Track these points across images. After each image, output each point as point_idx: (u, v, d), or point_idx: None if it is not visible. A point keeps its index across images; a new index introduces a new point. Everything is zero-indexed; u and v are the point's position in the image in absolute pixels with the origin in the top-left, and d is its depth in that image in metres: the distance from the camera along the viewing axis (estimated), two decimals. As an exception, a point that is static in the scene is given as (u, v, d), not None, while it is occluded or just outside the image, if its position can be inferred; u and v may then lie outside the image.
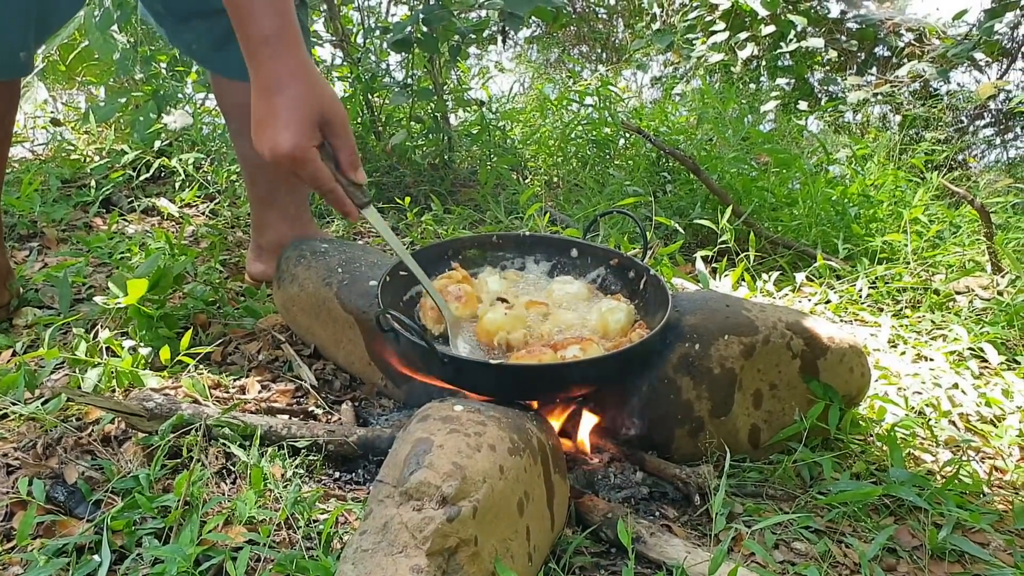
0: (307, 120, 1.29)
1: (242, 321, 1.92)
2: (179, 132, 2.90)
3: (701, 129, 3.26)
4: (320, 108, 1.31)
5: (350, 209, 1.37)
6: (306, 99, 1.29)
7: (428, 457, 1.06)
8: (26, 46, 1.66)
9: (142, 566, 1.18)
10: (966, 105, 4.56)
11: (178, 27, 1.85)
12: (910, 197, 2.77)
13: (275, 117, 1.29)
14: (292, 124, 1.28)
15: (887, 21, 5.39)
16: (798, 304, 2.20)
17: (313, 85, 1.31)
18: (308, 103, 1.29)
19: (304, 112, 1.29)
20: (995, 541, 1.38)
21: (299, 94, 1.29)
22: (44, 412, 1.49)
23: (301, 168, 1.31)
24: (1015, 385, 1.87)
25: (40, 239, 2.34)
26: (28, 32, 1.65)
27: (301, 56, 1.31)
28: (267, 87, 1.30)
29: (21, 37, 1.64)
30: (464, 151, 3.26)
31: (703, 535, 1.36)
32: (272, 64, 1.29)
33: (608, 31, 6.83)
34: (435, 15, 2.67)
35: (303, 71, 1.30)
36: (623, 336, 1.48)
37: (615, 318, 1.50)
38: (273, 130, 1.29)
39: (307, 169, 1.31)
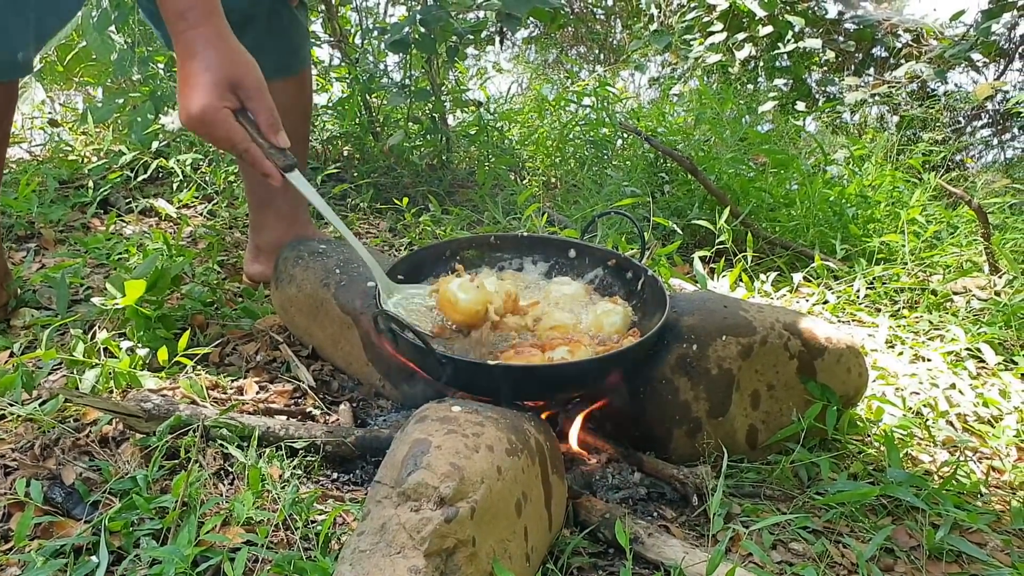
0: (217, 83, 1.32)
1: (240, 322, 1.92)
2: (177, 133, 2.90)
3: (699, 130, 3.26)
4: (230, 71, 1.33)
5: (270, 171, 1.38)
6: (216, 63, 1.32)
7: (426, 458, 1.06)
8: (25, 46, 1.66)
9: (140, 567, 1.18)
10: (963, 106, 4.57)
11: None
12: (908, 198, 2.78)
13: (187, 83, 1.32)
14: (201, 87, 1.31)
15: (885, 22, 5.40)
16: (796, 305, 2.21)
17: (224, 51, 1.34)
18: (218, 66, 1.32)
19: (214, 75, 1.32)
20: (992, 541, 1.38)
21: (209, 59, 1.32)
22: (42, 413, 1.48)
23: (212, 129, 1.33)
24: (1012, 385, 1.88)
25: (38, 240, 2.33)
26: (27, 32, 1.65)
27: (215, 25, 1.34)
28: (182, 56, 1.34)
29: (20, 37, 1.64)
30: (462, 152, 3.26)
31: (701, 535, 1.36)
32: (187, 35, 1.33)
33: (606, 32, 6.83)
34: (433, 16, 2.68)
35: (215, 38, 1.33)
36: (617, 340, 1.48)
37: (610, 320, 1.50)
38: (185, 96, 1.32)
39: (218, 131, 1.33)
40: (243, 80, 1.35)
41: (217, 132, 1.34)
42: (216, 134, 1.34)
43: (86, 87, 3.71)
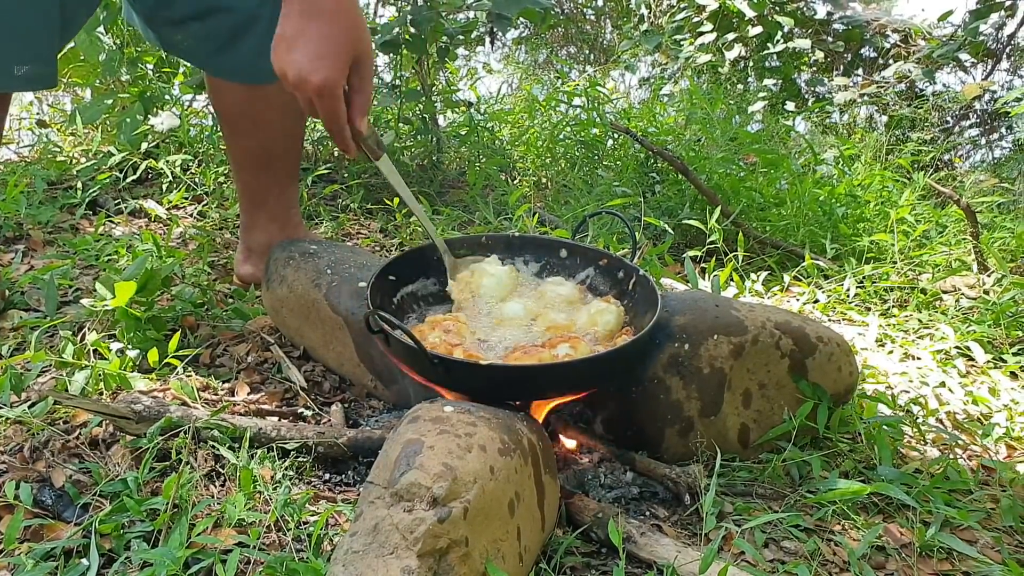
0: (344, 55, 1.27)
1: (231, 323, 1.91)
2: (166, 133, 2.89)
3: (689, 130, 3.27)
4: (355, 45, 1.29)
5: (349, 146, 1.37)
6: (347, 34, 1.27)
7: (418, 458, 1.06)
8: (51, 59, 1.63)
9: (131, 569, 1.17)
10: (952, 106, 4.59)
11: (172, 31, 1.82)
12: (897, 197, 2.79)
13: (309, 42, 1.26)
14: (329, 56, 1.26)
15: (873, 22, 5.43)
16: (786, 304, 2.21)
17: (355, 21, 1.29)
18: (349, 38, 1.28)
19: (343, 46, 1.27)
20: (983, 538, 1.39)
21: (341, 27, 1.27)
22: (31, 415, 1.48)
23: (325, 101, 1.29)
24: (1001, 383, 1.89)
25: (26, 241, 2.32)
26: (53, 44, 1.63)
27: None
28: (306, 10, 1.27)
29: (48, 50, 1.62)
30: (453, 152, 3.26)
31: (693, 534, 1.36)
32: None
33: (596, 32, 6.85)
34: (423, 16, 2.67)
35: (348, 3, 1.28)
36: (610, 339, 1.48)
37: (604, 319, 1.50)
38: (304, 55, 1.26)
39: (329, 104, 1.29)
40: (363, 59, 1.31)
41: (326, 104, 1.29)
42: (324, 105, 1.30)
43: (74, 88, 3.68)
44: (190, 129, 2.90)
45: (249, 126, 1.91)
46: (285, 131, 1.93)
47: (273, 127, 1.89)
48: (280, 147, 1.94)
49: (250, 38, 1.76)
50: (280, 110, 1.89)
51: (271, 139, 1.91)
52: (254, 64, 1.79)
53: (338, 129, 1.34)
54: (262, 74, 1.82)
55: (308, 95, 1.29)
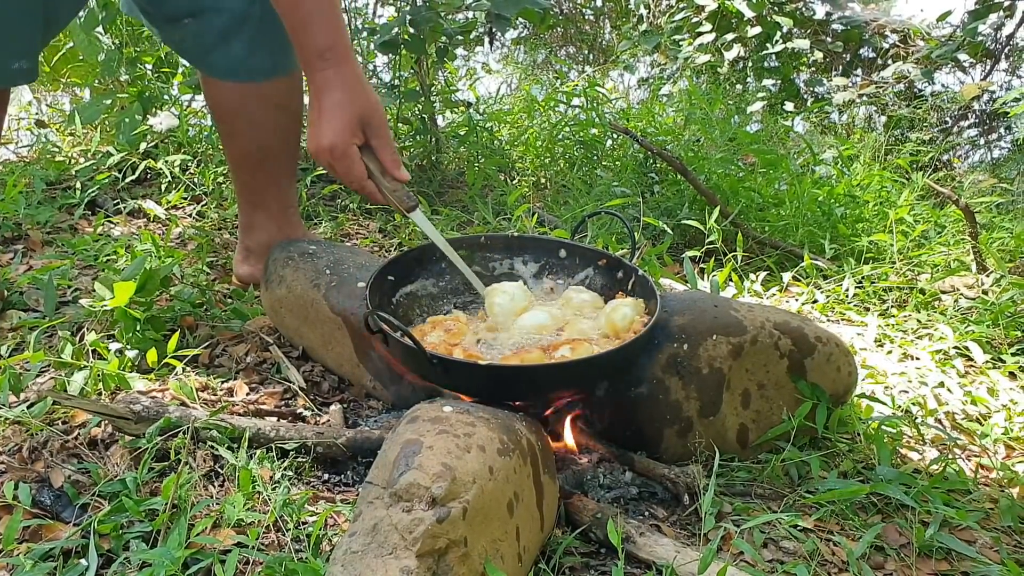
0: (348, 119, 1.43)
1: (230, 323, 1.91)
2: (165, 134, 2.88)
3: (688, 130, 3.27)
4: (361, 110, 1.44)
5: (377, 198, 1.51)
6: (349, 101, 1.44)
7: (417, 458, 1.06)
8: (32, 53, 1.65)
9: (130, 570, 1.17)
10: (950, 106, 4.59)
11: (169, 27, 1.84)
12: (895, 197, 2.79)
13: (321, 117, 1.44)
14: (334, 122, 1.43)
15: (872, 22, 5.43)
16: (785, 304, 2.21)
17: (357, 91, 1.45)
18: (351, 105, 1.44)
19: (346, 113, 1.43)
20: (982, 538, 1.39)
21: (343, 97, 1.43)
22: (30, 416, 1.47)
23: (338, 162, 1.45)
24: (1000, 383, 1.89)
25: (25, 242, 2.32)
26: (35, 39, 1.64)
27: (350, 66, 1.45)
28: (317, 93, 1.45)
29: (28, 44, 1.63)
30: (452, 152, 3.25)
31: (692, 534, 1.37)
32: (325, 73, 1.44)
33: (595, 32, 6.84)
34: (422, 16, 2.67)
35: (351, 78, 1.44)
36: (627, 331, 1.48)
37: (621, 314, 1.49)
38: (317, 128, 1.44)
39: (343, 163, 1.45)
40: (371, 119, 1.46)
41: (342, 165, 1.45)
42: (341, 167, 1.45)
43: (73, 88, 3.69)
44: (189, 129, 2.90)
45: (244, 125, 1.91)
46: (280, 130, 1.93)
47: (268, 126, 1.90)
48: (276, 146, 1.94)
49: (241, 37, 1.77)
50: (275, 109, 1.89)
51: (267, 138, 1.91)
52: (245, 62, 1.80)
53: (359, 186, 1.48)
54: (254, 72, 1.83)
55: (325, 160, 1.46)
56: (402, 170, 1.50)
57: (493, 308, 1.55)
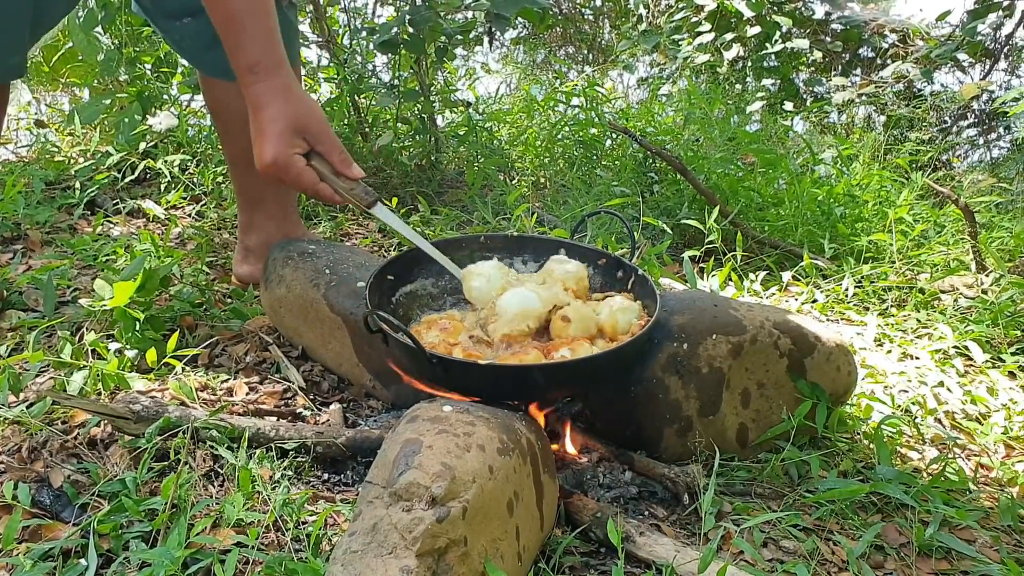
0: (283, 131, 1.43)
1: (229, 323, 1.91)
2: (164, 133, 2.88)
3: (688, 130, 3.27)
4: (295, 119, 1.44)
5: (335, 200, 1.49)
6: (283, 113, 1.43)
7: (417, 458, 1.06)
8: (20, 49, 1.65)
9: (129, 570, 1.17)
10: (950, 105, 4.59)
11: (169, 24, 1.84)
12: (895, 197, 2.79)
13: (260, 133, 1.44)
14: (272, 136, 1.43)
15: (871, 22, 5.43)
16: (785, 303, 2.22)
17: (290, 101, 1.45)
18: (284, 116, 1.43)
19: (280, 125, 1.43)
20: (981, 538, 1.39)
21: (276, 109, 1.43)
22: (29, 415, 1.47)
23: (283, 173, 1.45)
24: (1000, 383, 1.89)
25: (24, 241, 2.32)
26: (23, 34, 1.64)
27: (280, 77, 1.45)
28: (253, 108, 1.45)
29: (16, 40, 1.63)
30: (451, 152, 3.25)
31: (692, 534, 1.37)
32: (256, 87, 1.44)
33: (594, 32, 6.85)
34: (421, 16, 2.67)
35: (281, 89, 1.45)
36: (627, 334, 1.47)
37: (626, 319, 1.48)
38: (259, 145, 1.44)
39: (289, 174, 1.45)
40: (308, 125, 1.45)
41: (289, 175, 1.45)
42: (288, 177, 1.45)
43: (72, 88, 3.68)
44: (188, 129, 2.90)
45: (242, 124, 1.90)
46: None
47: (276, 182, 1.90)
48: None
49: None
50: None
51: None
52: None
53: (312, 192, 1.47)
54: None
55: (271, 175, 1.45)
56: (354, 168, 1.49)
57: (472, 292, 1.55)
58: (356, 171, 1.49)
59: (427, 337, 1.45)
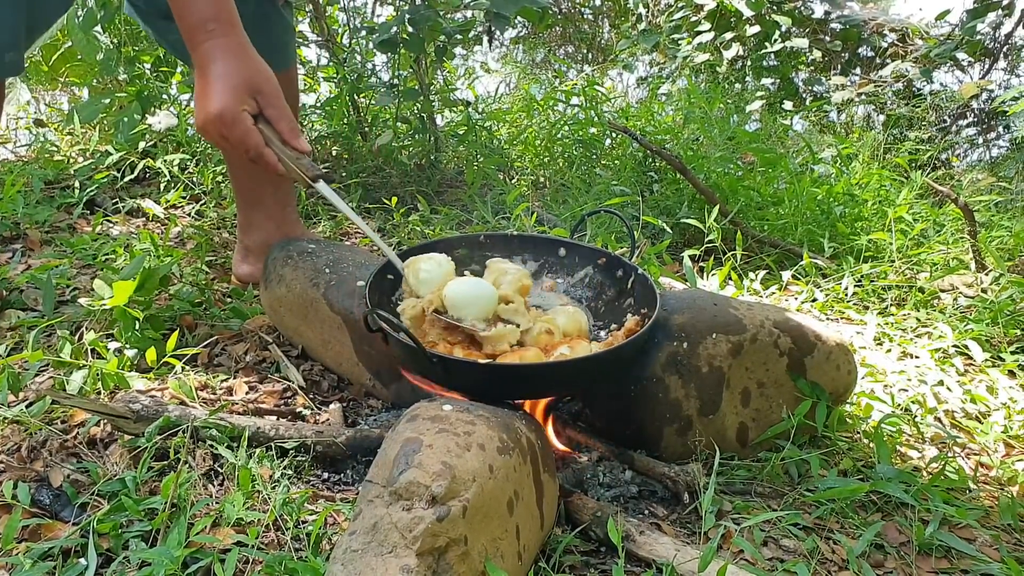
0: (236, 87, 1.36)
1: (229, 322, 1.91)
2: (164, 133, 2.88)
3: (687, 129, 3.27)
4: (248, 77, 1.37)
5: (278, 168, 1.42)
6: (235, 69, 1.37)
7: (417, 457, 1.06)
8: (15, 46, 1.64)
9: (129, 569, 1.17)
10: (949, 105, 4.59)
11: (164, 25, 1.83)
12: (894, 196, 2.79)
13: (207, 86, 1.37)
14: (221, 90, 1.36)
15: (871, 22, 5.42)
16: (785, 302, 2.22)
17: (243, 58, 1.38)
18: (237, 72, 1.37)
19: (233, 80, 1.36)
20: (982, 536, 1.39)
21: (230, 66, 1.37)
22: (28, 415, 1.47)
23: (228, 129, 1.37)
24: (999, 382, 1.89)
25: (23, 241, 2.32)
26: (18, 32, 1.63)
27: (234, 36, 1.39)
28: (202, 65, 1.38)
29: (11, 37, 1.63)
30: (451, 151, 3.25)
31: (692, 533, 1.37)
32: (206, 45, 1.38)
33: (594, 31, 6.84)
34: (421, 15, 2.67)
35: (236, 48, 1.38)
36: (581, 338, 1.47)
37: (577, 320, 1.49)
38: (203, 99, 1.37)
39: (235, 131, 1.37)
40: (262, 86, 1.39)
41: (235, 132, 1.37)
42: (233, 134, 1.37)
43: (72, 87, 3.68)
44: (187, 128, 2.89)
45: None
46: None
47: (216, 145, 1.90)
48: None
49: None
50: None
51: None
52: None
53: (256, 155, 1.40)
54: None
55: (214, 131, 1.37)
56: (302, 140, 1.43)
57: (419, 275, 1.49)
58: (303, 144, 1.43)
59: (429, 336, 1.45)
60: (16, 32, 1.62)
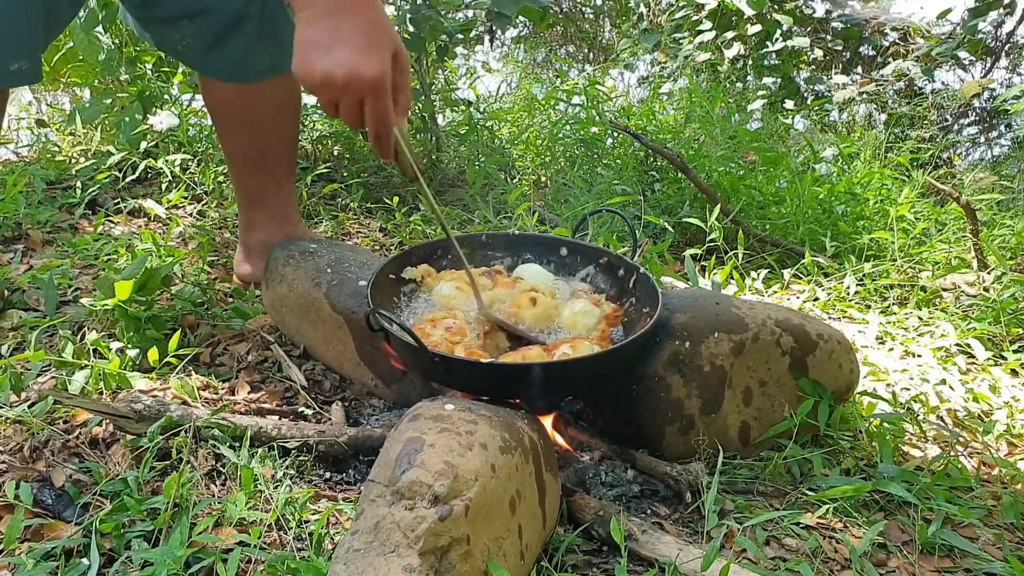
0: (388, 47, 1.20)
1: (231, 322, 1.91)
2: (165, 133, 2.88)
3: (689, 128, 3.26)
4: (394, 39, 1.21)
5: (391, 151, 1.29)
6: (385, 25, 1.20)
7: (419, 456, 1.06)
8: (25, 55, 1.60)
9: (131, 569, 1.17)
10: (951, 103, 4.59)
11: (165, 30, 1.82)
12: (896, 195, 2.79)
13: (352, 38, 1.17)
14: (376, 49, 1.18)
15: (872, 20, 5.42)
16: (787, 301, 2.21)
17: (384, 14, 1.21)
18: (387, 29, 1.21)
19: (384, 38, 1.19)
20: (984, 535, 1.38)
21: (376, 20, 1.19)
22: (31, 415, 1.47)
23: (378, 98, 1.20)
24: (1002, 380, 1.89)
25: (25, 241, 2.32)
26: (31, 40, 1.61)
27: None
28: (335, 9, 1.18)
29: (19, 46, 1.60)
30: (452, 151, 3.25)
31: (694, 532, 1.36)
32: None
33: (595, 31, 6.84)
34: (422, 15, 2.67)
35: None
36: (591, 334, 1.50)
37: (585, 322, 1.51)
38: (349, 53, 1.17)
39: (383, 101, 1.20)
40: (399, 52, 1.23)
41: (382, 102, 1.20)
42: (379, 105, 1.20)
43: (73, 88, 3.68)
44: (189, 128, 2.89)
45: (243, 124, 1.91)
46: (279, 129, 1.93)
47: (266, 125, 1.89)
48: (274, 145, 1.94)
49: (239, 37, 1.76)
50: (273, 108, 1.89)
51: (265, 137, 1.91)
52: (244, 63, 1.80)
53: (387, 131, 1.25)
54: (252, 73, 1.82)
55: (360, 95, 1.19)
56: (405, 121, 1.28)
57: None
58: (405, 124, 1.29)
59: (433, 336, 1.45)
60: (25, 41, 1.59)
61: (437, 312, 1.54)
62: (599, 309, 1.55)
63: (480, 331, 1.48)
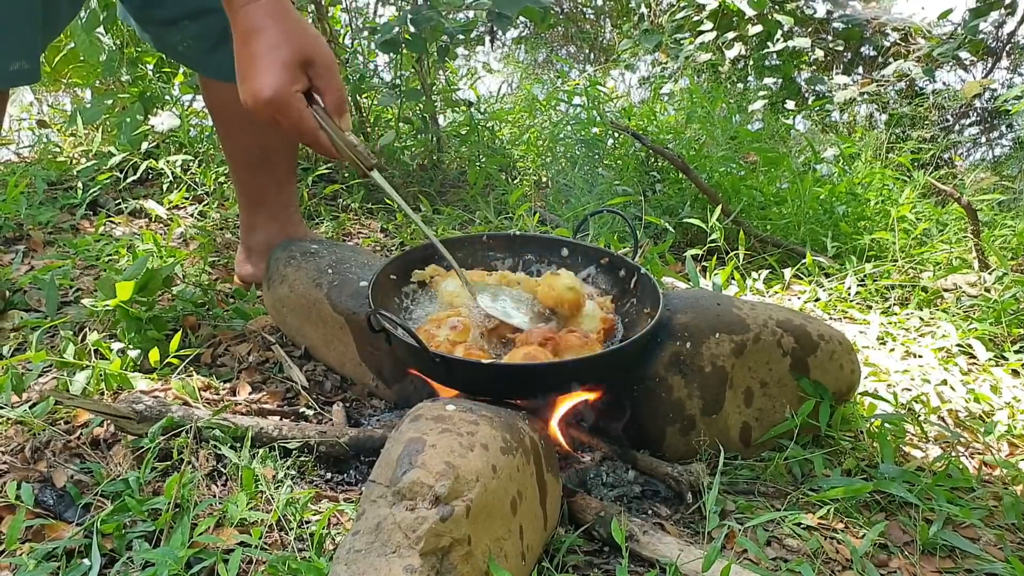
0: (288, 62, 1.23)
1: (232, 323, 1.91)
2: (166, 134, 2.88)
3: (690, 128, 3.26)
4: (299, 48, 1.24)
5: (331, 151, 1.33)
6: (286, 39, 1.24)
7: (420, 457, 1.06)
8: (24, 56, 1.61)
9: (133, 569, 1.17)
10: (952, 104, 4.59)
11: (165, 31, 1.83)
12: (897, 195, 2.79)
13: (255, 62, 1.24)
14: (273, 67, 1.22)
15: (873, 21, 5.42)
16: (788, 302, 2.21)
17: (293, 25, 1.25)
18: (288, 43, 1.24)
19: (284, 53, 1.23)
20: (985, 536, 1.38)
21: (278, 35, 1.23)
22: (32, 415, 1.47)
23: (283, 114, 1.25)
24: (1003, 381, 1.89)
25: (26, 242, 2.32)
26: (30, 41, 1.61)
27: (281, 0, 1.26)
28: (245, 32, 1.24)
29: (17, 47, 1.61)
30: (453, 152, 3.25)
31: (696, 533, 1.36)
32: (249, 8, 1.24)
33: (596, 31, 6.84)
34: (423, 16, 2.67)
35: (281, 12, 1.25)
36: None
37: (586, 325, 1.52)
38: (253, 77, 1.24)
39: (290, 115, 1.25)
40: (314, 57, 1.26)
41: (289, 117, 1.26)
42: (288, 119, 1.26)
43: (74, 88, 3.68)
44: (190, 129, 2.90)
45: (244, 125, 1.91)
46: None
47: (267, 125, 1.89)
48: (275, 145, 1.94)
49: None
50: None
51: (266, 137, 1.91)
52: None
53: (311, 138, 1.29)
54: None
55: (268, 115, 1.25)
56: (346, 117, 1.31)
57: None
58: (347, 122, 1.32)
59: (438, 336, 1.45)
60: (25, 42, 1.59)
61: (441, 310, 1.54)
62: (601, 312, 1.55)
63: (484, 329, 1.47)
